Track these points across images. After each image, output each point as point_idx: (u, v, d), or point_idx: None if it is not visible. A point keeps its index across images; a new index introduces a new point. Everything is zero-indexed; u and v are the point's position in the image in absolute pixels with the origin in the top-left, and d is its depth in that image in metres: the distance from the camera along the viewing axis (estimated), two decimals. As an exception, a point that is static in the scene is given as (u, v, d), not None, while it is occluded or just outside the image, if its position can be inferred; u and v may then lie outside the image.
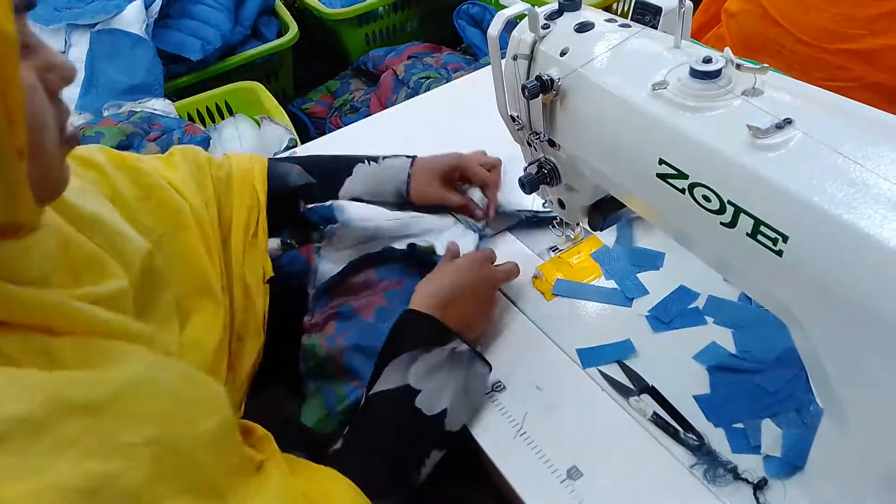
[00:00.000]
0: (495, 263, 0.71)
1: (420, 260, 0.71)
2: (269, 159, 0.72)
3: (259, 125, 1.27)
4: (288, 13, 1.52)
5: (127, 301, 0.44)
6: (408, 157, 0.76)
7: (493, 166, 0.81)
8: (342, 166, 0.74)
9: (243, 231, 0.65)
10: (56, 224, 0.41)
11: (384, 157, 0.75)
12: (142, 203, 0.55)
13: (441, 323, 0.61)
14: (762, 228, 0.40)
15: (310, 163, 0.74)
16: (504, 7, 0.55)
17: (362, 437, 0.55)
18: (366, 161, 0.74)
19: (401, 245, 0.73)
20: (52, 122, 0.36)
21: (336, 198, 0.73)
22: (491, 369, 0.63)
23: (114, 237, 0.47)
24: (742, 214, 0.41)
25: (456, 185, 0.80)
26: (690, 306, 0.69)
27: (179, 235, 0.57)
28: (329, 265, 0.74)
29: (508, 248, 0.79)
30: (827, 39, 1.03)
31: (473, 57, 1.42)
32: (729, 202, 0.42)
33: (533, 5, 0.55)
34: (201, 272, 0.58)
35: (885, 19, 0.98)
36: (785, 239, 0.39)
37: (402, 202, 0.75)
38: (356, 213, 0.76)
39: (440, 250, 0.73)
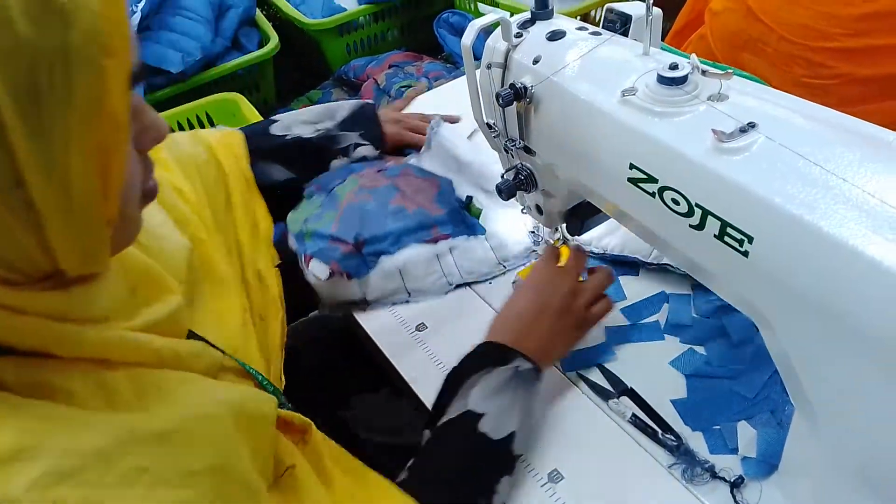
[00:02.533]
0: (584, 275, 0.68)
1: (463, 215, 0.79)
2: (245, 136, 0.76)
3: (241, 136, 1.27)
4: (268, 24, 1.52)
5: (183, 316, 0.45)
6: (366, 131, 0.84)
7: None
8: (318, 160, 0.81)
9: (249, 225, 0.68)
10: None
11: (355, 146, 0.83)
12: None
13: (503, 346, 0.58)
14: (728, 230, 0.41)
15: (287, 156, 0.78)
16: (483, 15, 0.56)
17: (426, 466, 0.54)
18: (339, 156, 0.83)
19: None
20: (139, 182, 0.38)
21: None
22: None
23: (161, 242, 0.49)
24: (709, 217, 0.42)
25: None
26: (650, 319, 0.69)
27: (189, 228, 0.58)
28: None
29: (487, 254, 0.79)
30: (810, 37, 1.05)
31: (454, 65, 1.43)
32: (696, 205, 0.43)
33: (511, 13, 0.56)
34: (210, 261, 0.58)
35: (869, 20, 1.00)
36: (750, 240, 0.40)
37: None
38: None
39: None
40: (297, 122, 0.82)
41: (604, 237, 0.76)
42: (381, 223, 0.74)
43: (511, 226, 0.80)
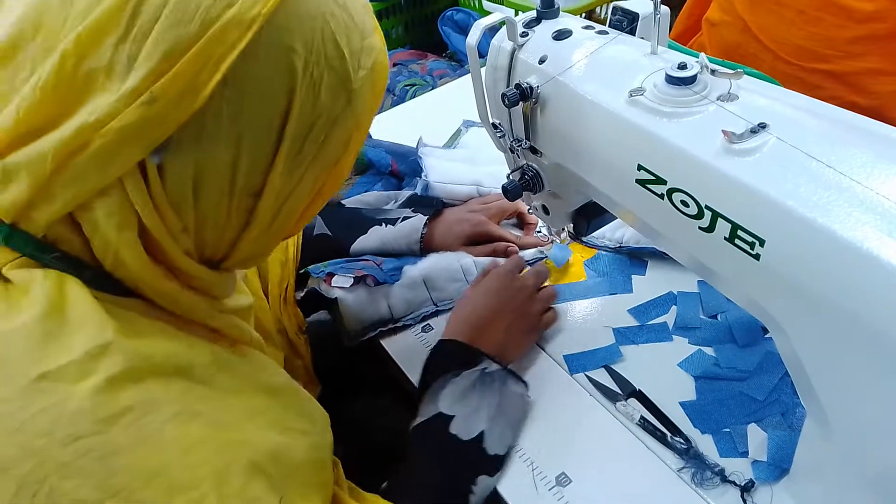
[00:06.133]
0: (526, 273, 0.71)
1: None
2: None
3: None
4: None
5: (251, 315, 0.52)
6: (426, 215, 0.76)
7: (525, 223, 0.82)
8: (358, 226, 0.76)
9: (278, 287, 0.68)
10: None
11: (403, 218, 0.76)
12: None
13: (467, 345, 0.61)
14: (739, 233, 0.40)
15: (330, 215, 0.76)
16: (488, 13, 0.55)
17: (408, 472, 0.55)
18: (383, 224, 0.76)
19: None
20: None
21: (347, 253, 0.75)
22: (527, 386, 0.61)
23: None
24: (719, 219, 0.41)
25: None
26: (658, 320, 0.68)
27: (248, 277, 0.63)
28: None
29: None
30: (805, 58, 1.04)
31: (459, 63, 1.42)
32: (706, 207, 0.42)
33: (516, 11, 0.56)
34: (263, 312, 0.62)
35: (863, 43, 0.98)
36: (762, 243, 0.39)
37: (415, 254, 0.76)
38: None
39: None
40: (359, 203, 0.82)
41: (618, 229, 0.76)
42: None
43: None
